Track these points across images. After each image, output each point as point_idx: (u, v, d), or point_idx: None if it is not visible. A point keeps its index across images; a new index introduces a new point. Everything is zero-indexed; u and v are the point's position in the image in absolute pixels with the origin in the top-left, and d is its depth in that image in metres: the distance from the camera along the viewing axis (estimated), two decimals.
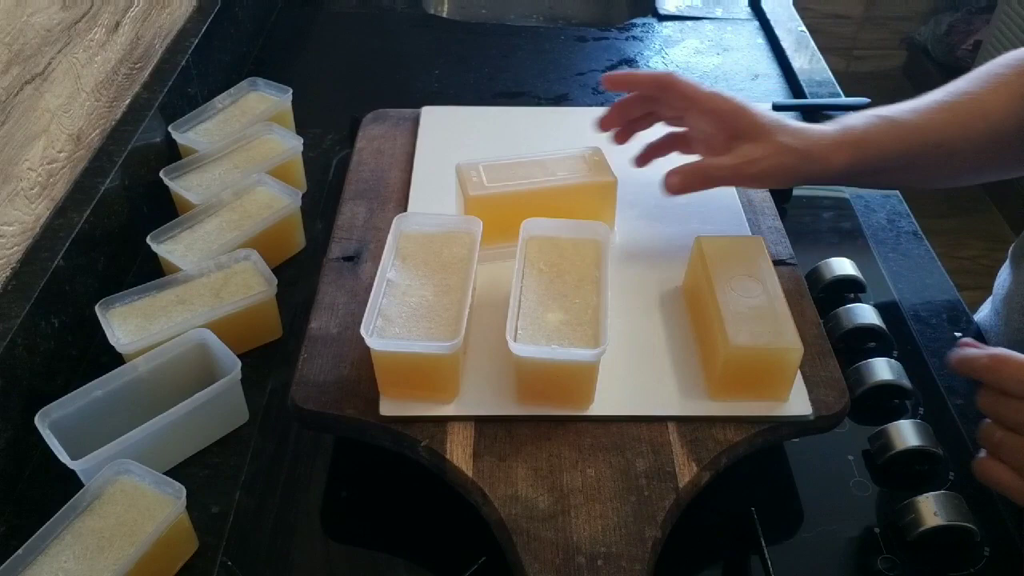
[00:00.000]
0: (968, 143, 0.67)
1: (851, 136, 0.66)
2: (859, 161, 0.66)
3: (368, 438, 0.59)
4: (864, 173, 0.68)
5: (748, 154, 0.66)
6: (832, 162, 0.66)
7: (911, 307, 0.77)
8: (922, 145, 0.66)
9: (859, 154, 0.66)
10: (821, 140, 0.66)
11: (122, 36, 0.83)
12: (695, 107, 0.68)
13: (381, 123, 0.86)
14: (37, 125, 0.69)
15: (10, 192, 0.66)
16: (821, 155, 0.66)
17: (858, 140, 0.66)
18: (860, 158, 0.66)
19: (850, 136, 0.66)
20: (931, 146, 0.67)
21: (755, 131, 0.66)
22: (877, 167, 0.67)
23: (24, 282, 0.66)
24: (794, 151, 0.66)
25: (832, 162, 0.66)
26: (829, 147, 0.66)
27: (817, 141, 0.66)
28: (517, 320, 0.58)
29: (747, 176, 0.67)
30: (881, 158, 0.66)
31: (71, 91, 0.74)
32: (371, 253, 0.70)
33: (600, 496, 0.54)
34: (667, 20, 1.23)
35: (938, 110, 0.67)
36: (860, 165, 0.66)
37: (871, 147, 0.66)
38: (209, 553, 0.58)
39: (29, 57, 0.67)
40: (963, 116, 0.67)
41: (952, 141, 0.67)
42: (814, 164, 0.66)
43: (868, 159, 0.66)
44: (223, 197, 0.78)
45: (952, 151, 0.67)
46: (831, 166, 0.66)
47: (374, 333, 0.56)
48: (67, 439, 0.57)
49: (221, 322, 0.67)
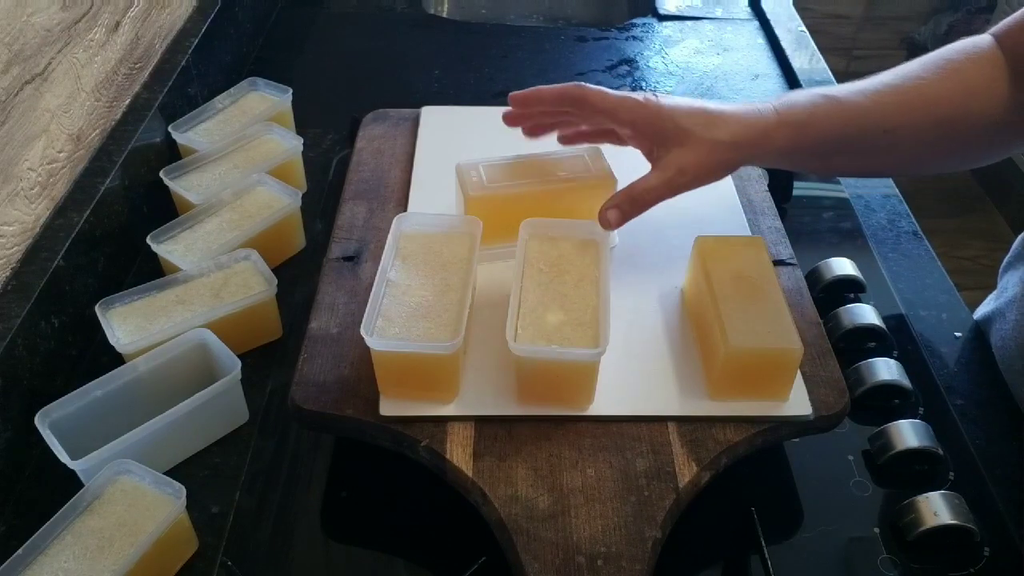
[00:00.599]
0: (913, 130, 0.63)
1: (792, 116, 0.63)
2: (800, 143, 0.63)
3: (368, 438, 0.59)
4: (806, 155, 0.65)
5: (676, 162, 0.62)
6: (771, 144, 0.62)
7: (911, 307, 0.77)
8: (867, 129, 0.63)
9: (800, 135, 0.62)
10: (757, 123, 0.62)
11: (122, 36, 0.83)
12: (612, 119, 0.66)
13: (381, 123, 0.86)
14: (37, 125, 0.69)
15: (10, 192, 0.66)
16: (757, 140, 0.62)
17: (800, 121, 0.62)
18: (801, 139, 0.62)
19: (791, 117, 0.63)
20: (877, 131, 0.63)
21: (679, 135, 0.62)
22: (819, 150, 0.64)
23: (24, 282, 0.66)
24: (725, 145, 0.62)
25: (771, 144, 0.62)
26: (767, 128, 0.62)
27: (751, 125, 0.62)
28: (517, 320, 0.58)
29: (681, 186, 0.64)
30: (823, 140, 0.63)
31: (71, 91, 0.74)
32: (371, 253, 0.70)
33: (600, 496, 0.54)
34: (667, 20, 1.23)
35: (887, 93, 0.63)
36: (802, 147, 0.63)
37: (813, 128, 0.62)
38: (209, 553, 0.58)
39: (29, 57, 0.67)
40: (911, 101, 0.63)
41: (898, 127, 0.63)
42: (752, 150, 0.63)
43: (810, 140, 0.63)
44: (223, 197, 0.78)
45: (896, 138, 0.63)
46: (770, 148, 0.63)
47: (374, 333, 0.56)
48: (67, 439, 0.57)
49: (221, 322, 0.67)
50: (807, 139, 0.63)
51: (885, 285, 0.79)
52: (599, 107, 0.65)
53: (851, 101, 0.63)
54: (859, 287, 0.76)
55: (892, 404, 0.68)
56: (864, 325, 0.71)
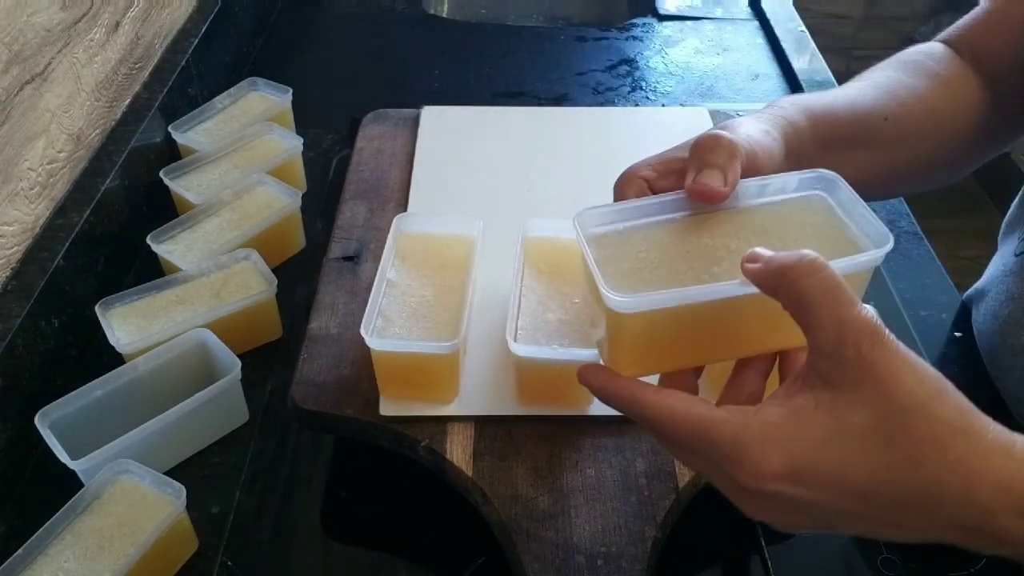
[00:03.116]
0: (910, 121, 0.59)
1: (800, 103, 0.55)
2: (816, 129, 0.54)
3: (368, 438, 0.59)
4: (820, 149, 0.55)
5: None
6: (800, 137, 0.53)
7: (911, 307, 0.77)
8: (867, 116, 0.58)
9: (813, 119, 0.54)
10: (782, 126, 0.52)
11: (122, 36, 0.83)
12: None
13: (381, 123, 0.86)
14: (37, 125, 0.69)
15: (10, 192, 0.66)
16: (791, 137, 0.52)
17: (807, 106, 0.55)
18: (817, 126, 0.54)
19: (800, 103, 0.55)
20: (878, 119, 0.58)
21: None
22: (832, 137, 0.56)
23: (24, 282, 0.66)
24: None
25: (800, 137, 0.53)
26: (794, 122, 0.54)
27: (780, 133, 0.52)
28: (517, 320, 0.58)
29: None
30: (833, 127, 0.56)
31: (71, 91, 0.74)
32: (371, 253, 0.70)
33: (600, 496, 0.54)
34: (667, 20, 1.23)
35: (869, 90, 0.59)
36: (819, 134, 0.55)
37: (820, 111, 0.56)
38: (209, 553, 0.58)
39: (29, 57, 0.67)
40: (897, 93, 0.59)
41: (895, 116, 0.58)
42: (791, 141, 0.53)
43: (823, 127, 0.55)
44: (223, 197, 0.78)
45: (899, 129, 0.59)
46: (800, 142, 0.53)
47: (374, 333, 0.56)
48: (67, 439, 0.57)
49: (221, 322, 0.67)
50: (820, 123, 0.55)
51: (885, 285, 0.79)
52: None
53: (842, 95, 0.59)
54: None
55: None
56: None
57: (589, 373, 0.43)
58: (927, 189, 0.68)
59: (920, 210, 0.91)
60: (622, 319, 0.40)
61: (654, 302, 0.40)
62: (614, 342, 0.42)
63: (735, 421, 0.37)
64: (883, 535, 0.39)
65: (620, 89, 1.07)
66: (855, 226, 0.44)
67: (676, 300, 0.40)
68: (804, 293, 0.36)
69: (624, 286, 0.41)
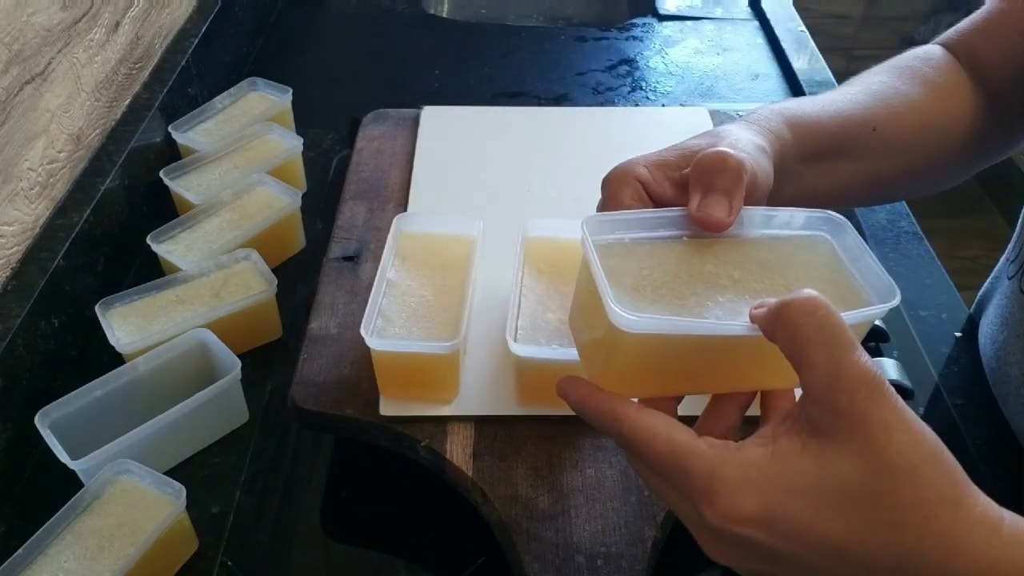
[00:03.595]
0: (899, 130, 0.58)
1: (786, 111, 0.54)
2: (800, 141, 0.53)
3: (368, 438, 0.59)
4: (808, 160, 0.54)
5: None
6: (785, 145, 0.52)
7: (911, 307, 0.77)
8: (854, 127, 0.56)
9: (798, 130, 0.53)
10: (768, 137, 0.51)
11: (122, 36, 0.83)
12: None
13: (381, 123, 0.86)
14: (37, 125, 0.69)
15: (10, 192, 0.66)
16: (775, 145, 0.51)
17: (792, 113, 0.54)
18: (800, 137, 0.53)
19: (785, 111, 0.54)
20: (866, 128, 0.57)
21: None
22: (817, 149, 0.55)
23: (24, 282, 0.66)
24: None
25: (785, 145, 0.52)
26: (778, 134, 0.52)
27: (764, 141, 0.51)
28: (517, 320, 0.58)
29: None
30: (818, 135, 0.55)
31: (71, 91, 0.74)
32: (371, 253, 0.70)
33: (600, 496, 0.54)
34: (667, 20, 1.23)
35: (860, 95, 0.58)
36: (803, 147, 0.53)
37: (805, 121, 0.54)
38: (209, 553, 0.58)
39: (29, 57, 0.67)
40: (888, 99, 0.58)
41: (883, 125, 0.57)
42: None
43: (807, 136, 0.54)
44: (223, 197, 0.78)
45: (886, 139, 0.58)
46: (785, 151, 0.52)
47: (374, 333, 0.56)
48: (67, 439, 0.57)
49: (221, 322, 0.67)
50: (804, 136, 0.54)
51: None
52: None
53: (830, 104, 0.57)
54: None
55: None
56: None
57: (569, 386, 0.41)
58: (917, 197, 0.67)
59: (920, 210, 0.91)
60: (622, 336, 0.38)
61: (662, 326, 0.39)
62: (607, 357, 0.41)
63: (714, 455, 0.35)
64: None
65: (620, 89, 1.07)
66: (859, 275, 0.44)
67: (684, 329, 0.39)
68: (800, 330, 0.35)
69: (625, 302, 0.40)
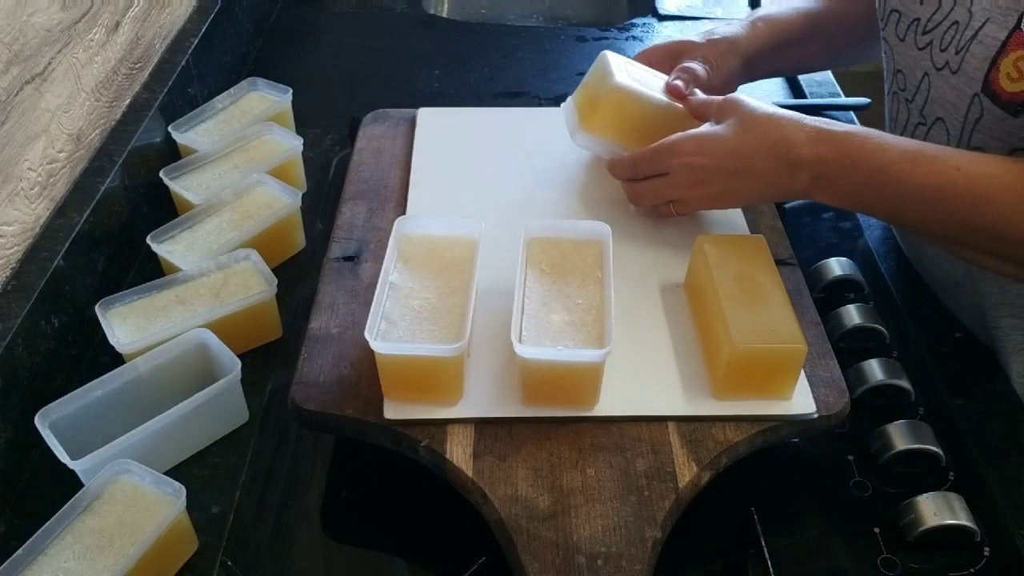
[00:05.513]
0: (822, 19, 0.83)
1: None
2: (757, 33, 0.80)
3: (368, 438, 0.59)
4: (771, 47, 0.81)
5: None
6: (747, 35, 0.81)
7: (911, 307, 0.77)
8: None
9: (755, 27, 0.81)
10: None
11: (122, 36, 0.83)
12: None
13: (381, 123, 0.86)
14: (37, 125, 0.69)
15: (10, 192, 0.66)
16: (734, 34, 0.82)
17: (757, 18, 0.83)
18: (758, 30, 0.81)
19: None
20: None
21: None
22: (776, 41, 0.82)
23: (24, 282, 0.66)
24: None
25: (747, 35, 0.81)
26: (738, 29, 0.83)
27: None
28: (521, 322, 0.58)
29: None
30: (775, 31, 0.82)
31: (71, 91, 0.74)
32: (371, 253, 0.70)
33: (600, 496, 0.54)
34: (667, 20, 1.23)
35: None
36: (759, 37, 0.80)
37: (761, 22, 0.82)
38: (209, 553, 0.58)
39: (29, 57, 0.67)
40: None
41: (815, 16, 0.83)
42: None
43: (764, 30, 0.81)
44: (223, 197, 0.78)
45: (816, 25, 0.83)
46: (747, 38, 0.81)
47: (378, 336, 0.56)
48: (67, 439, 0.57)
49: (221, 322, 0.67)
50: (763, 28, 0.81)
51: (885, 285, 0.79)
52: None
53: (796, 10, 0.84)
54: (859, 287, 0.76)
55: (892, 404, 0.68)
56: (864, 325, 0.71)
57: (616, 162, 0.73)
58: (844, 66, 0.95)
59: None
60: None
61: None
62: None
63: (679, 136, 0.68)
64: (747, 187, 0.66)
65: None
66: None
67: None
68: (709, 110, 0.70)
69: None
